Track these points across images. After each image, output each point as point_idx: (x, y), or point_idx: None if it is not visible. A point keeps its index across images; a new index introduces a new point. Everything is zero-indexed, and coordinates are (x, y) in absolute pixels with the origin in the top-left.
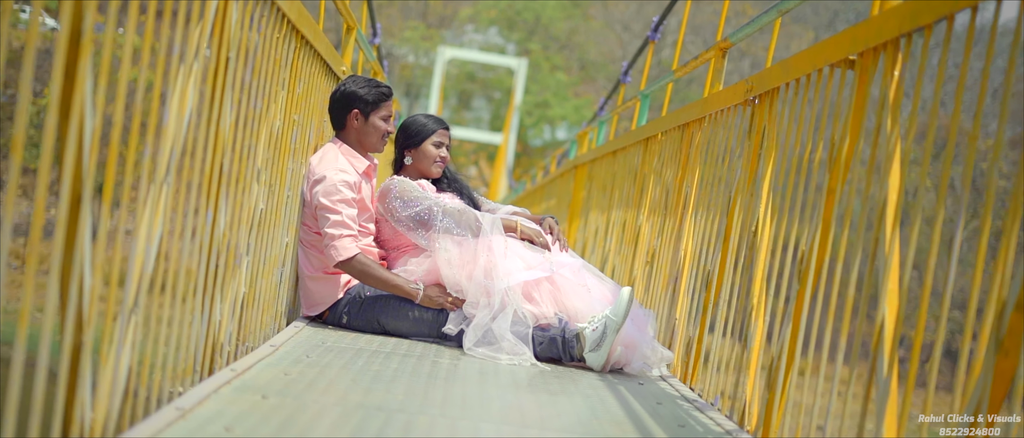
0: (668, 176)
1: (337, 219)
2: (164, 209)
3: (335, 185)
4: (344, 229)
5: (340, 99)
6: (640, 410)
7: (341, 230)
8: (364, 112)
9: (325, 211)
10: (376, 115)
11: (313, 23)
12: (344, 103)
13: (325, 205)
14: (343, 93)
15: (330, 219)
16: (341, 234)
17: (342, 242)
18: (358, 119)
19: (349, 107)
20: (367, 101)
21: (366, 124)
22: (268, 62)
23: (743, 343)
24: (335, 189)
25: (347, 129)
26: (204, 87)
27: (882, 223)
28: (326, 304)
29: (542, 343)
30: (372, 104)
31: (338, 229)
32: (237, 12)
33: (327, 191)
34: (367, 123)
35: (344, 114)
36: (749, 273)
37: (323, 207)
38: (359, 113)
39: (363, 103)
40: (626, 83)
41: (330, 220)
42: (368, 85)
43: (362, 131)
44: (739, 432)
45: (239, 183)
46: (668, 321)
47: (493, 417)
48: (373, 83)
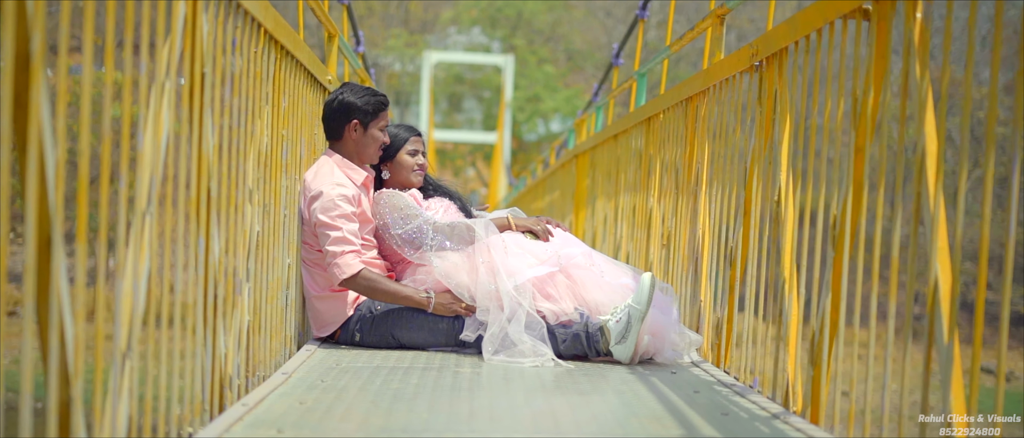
0: (675, 154)
1: (337, 235)
2: (149, 242)
3: (333, 200)
4: (346, 245)
5: (338, 109)
6: (678, 401)
7: (342, 246)
8: (364, 123)
9: (325, 228)
10: (375, 126)
11: (292, 33)
12: (342, 113)
13: (324, 222)
14: (341, 103)
15: (330, 236)
16: (343, 250)
17: (344, 259)
18: (357, 130)
19: (348, 118)
20: (366, 112)
21: (364, 135)
22: (248, 76)
23: (778, 319)
24: (333, 204)
25: (344, 140)
26: (180, 107)
27: (922, 177)
28: (336, 323)
29: (565, 340)
30: (371, 114)
31: (339, 246)
32: (208, 24)
33: (325, 207)
34: (366, 134)
35: (342, 125)
36: (776, 245)
37: (322, 224)
38: (358, 124)
39: (362, 113)
40: (619, 65)
41: (330, 237)
42: (366, 94)
43: (360, 142)
44: (786, 415)
45: (231, 206)
46: (693, 304)
47: (525, 426)
48: (370, 92)
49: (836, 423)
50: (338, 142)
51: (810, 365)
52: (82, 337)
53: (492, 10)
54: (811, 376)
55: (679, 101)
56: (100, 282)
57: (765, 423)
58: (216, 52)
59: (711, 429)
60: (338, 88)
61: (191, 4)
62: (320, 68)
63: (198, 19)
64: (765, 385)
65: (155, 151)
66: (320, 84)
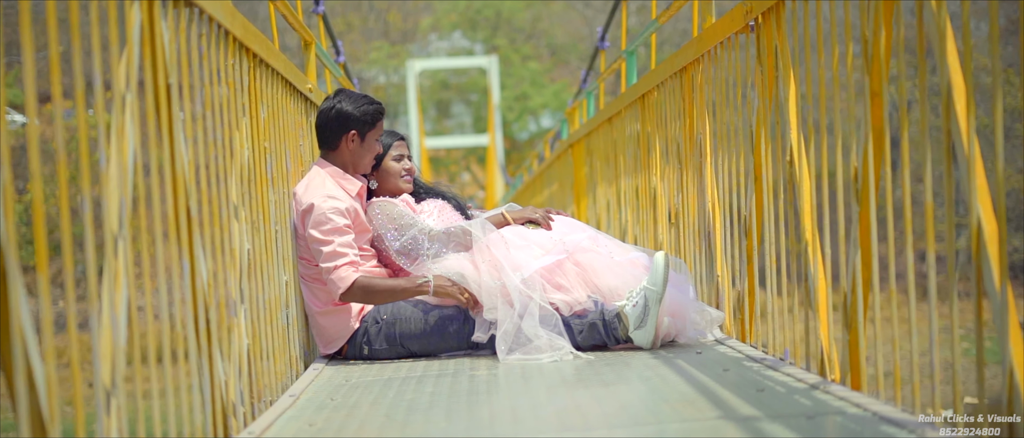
0: (674, 129)
1: (329, 250)
2: (125, 270)
3: (325, 214)
4: (339, 259)
5: (335, 119)
6: (708, 381)
7: (336, 260)
8: (361, 133)
9: (318, 244)
10: (372, 135)
11: (264, 40)
12: (339, 124)
13: (317, 237)
14: (339, 113)
15: (323, 252)
16: (336, 265)
17: (338, 273)
18: (354, 141)
19: (345, 128)
20: (364, 122)
21: (361, 146)
22: (220, 86)
23: (804, 285)
24: (325, 218)
25: (339, 150)
26: (146, 123)
27: (950, 112)
28: (343, 338)
29: (582, 331)
30: (370, 125)
31: (332, 261)
32: (168, 32)
33: (317, 222)
34: (362, 145)
35: (338, 135)
36: (794, 208)
37: (315, 240)
38: (356, 134)
39: (360, 124)
40: (605, 49)
41: (323, 253)
42: (363, 103)
43: (357, 153)
44: (825, 384)
45: (215, 224)
46: (710, 280)
47: (551, 425)
48: (367, 100)
49: (881, 387)
50: (333, 152)
51: (844, 329)
52: (54, 381)
53: (471, 12)
54: (847, 341)
55: (673, 73)
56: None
57: (804, 395)
58: (181, 61)
59: (748, 407)
60: (333, 96)
61: (147, 11)
62: (299, 77)
63: (156, 26)
64: (797, 356)
65: (121, 170)
66: (301, 94)
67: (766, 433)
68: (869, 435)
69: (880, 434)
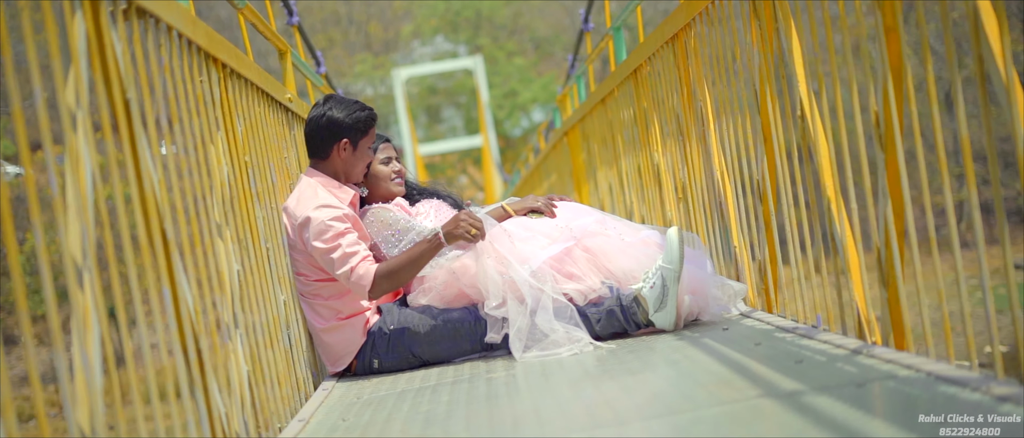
0: (672, 99)
1: (338, 255)
2: (94, 304)
3: (322, 222)
4: (351, 260)
5: (325, 127)
6: (741, 358)
7: (348, 263)
8: (354, 141)
9: (325, 255)
10: (365, 143)
11: (234, 50)
12: (330, 132)
13: (322, 248)
14: (329, 120)
15: (334, 259)
16: (352, 267)
17: (356, 273)
18: (346, 149)
19: (337, 136)
20: (356, 129)
21: (354, 154)
22: (188, 99)
23: (830, 245)
24: (324, 227)
25: (331, 159)
26: (104, 140)
27: (979, 33)
28: (350, 354)
29: (600, 320)
30: (362, 132)
31: (346, 264)
32: (120, 44)
33: (318, 232)
34: (355, 153)
35: (330, 144)
36: (810, 164)
37: (321, 251)
38: (348, 143)
39: (352, 131)
40: (589, 30)
41: (334, 260)
42: (355, 109)
43: (349, 162)
44: (867, 348)
45: (196, 246)
46: (727, 252)
47: (581, 423)
48: (357, 105)
49: (930, 345)
50: (323, 161)
51: (881, 287)
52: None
53: (451, 15)
54: (885, 299)
55: (664, 42)
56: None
57: (847, 362)
58: (140, 75)
59: (790, 380)
60: (321, 103)
61: (92, 20)
62: (277, 87)
63: (105, 38)
64: (831, 321)
65: (79, 195)
66: (281, 104)
67: (816, 408)
68: (929, 397)
69: (941, 395)
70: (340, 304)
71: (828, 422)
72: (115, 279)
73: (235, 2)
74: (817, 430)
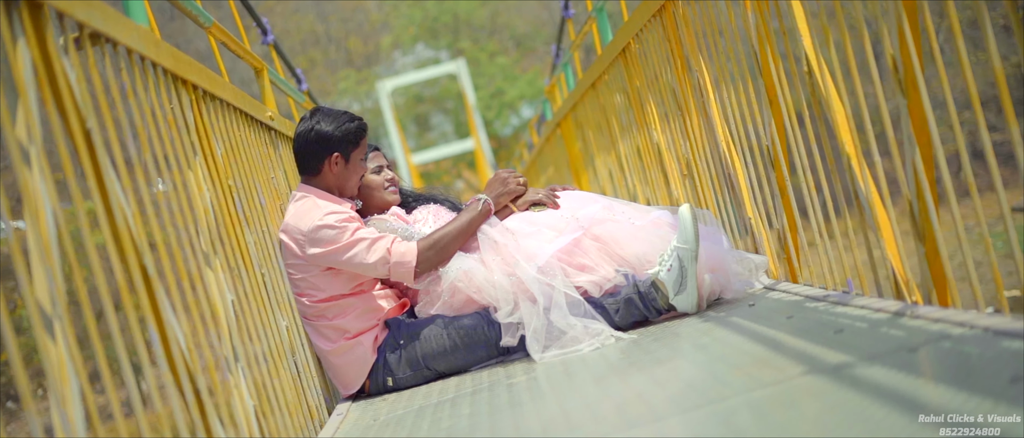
0: (666, 74)
1: (365, 246)
2: (68, 355)
3: (329, 226)
4: (381, 244)
5: (315, 142)
6: (775, 334)
7: (379, 248)
8: (346, 154)
9: (349, 253)
10: (357, 155)
11: (206, 71)
12: (320, 147)
13: (342, 247)
14: (318, 135)
15: (362, 253)
16: (387, 248)
17: (396, 252)
18: (338, 163)
19: (327, 151)
20: (347, 141)
21: (346, 168)
22: (159, 125)
23: (855, 202)
24: (340, 228)
25: (322, 174)
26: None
27: None
28: (362, 375)
29: (618, 310)
30: (354, 144)
31: (378, 251)
32: (73, 70)
33: (334, 236)
34: (347, 167)
35: (320, 159)
36: (824, 122)
37: (343, 253)
38: (340, 156)
39: (343, 144)
40: (570, 17)
41: (363, 254)
42: (344, 120)
43: (342, 176)
44: (911, 308)
45: (183, 279)
46: (742, 225)
47: (613, 421)
48: (347, 116)
49: (979, 298)
50: (315, 177)
51: (917, 242)
52: None
53: (429, 22)
54: (923, 254)
55: (651, 16)
56: None
57: (891, 326)
58: (100, 101)
59: (834, 352)
60: (309, 116)
61: (38, 50)
62: (256, 106)
63: (55, 65)
64: (863, 285)
65: (38, 236)
66: (262, 123)
67: (869, 380)
68: (993, 355)
69: (1006, 351)
70: (346, 323)
71: (887, 394)
72: (92, 325)
73: (201, 21)
74: (877, 405)
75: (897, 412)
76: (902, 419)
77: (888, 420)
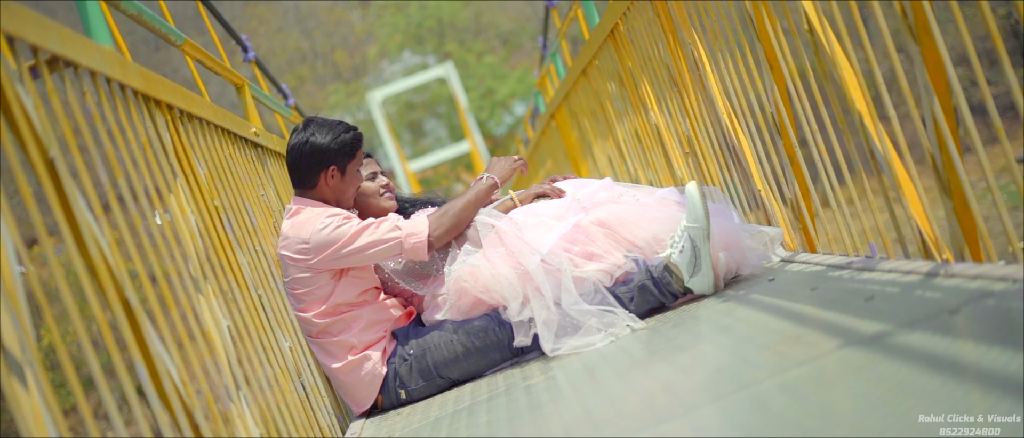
0: (658, 51)
1: (370, 232)
2: (44, 402)
3: (334, 228)
4: (387, 225)
5: (309, 155)
6: (801, 308)
7: (387, 229)
8: (342, 166)
9: (354, 242)
10: (353, 166)
11: (180, 90)
12: (315, 160)
13: (349, 240)
14: (313, 148)
15: (374, 243)
16: (395, 225)
17: (406, 230)
18: (334, 176)
19: (323, 164)
20: (343, 153)
21: (342, 180)
22: (132, 149)
23: (871, 161)
24: (346, 225)
25: (318, 188)
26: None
27: None
28: (373, 391)
29: (632, 298)
30: (349, 155)
31: (385, 230)
32: (29, 97)
33: (338, 236)
34: (344, 179)
35: (316, 173)
36: (830, 79)
37: (352, 243)
38: (336, 169)
39: (339, 156)
40: (554, 5)
41: (375, 243)
42: (339, 131)
43: (338, 189)
44: (944, 267)
45: (170, 308)
46: (751, 198)
47: (642, 419)
48: (342, 127)
49: (1016, 248)
50: (310, 191)
51: (943, 196)
52: None
53: (412, 28)
54: (950, 208)
55: None
56: None
57: (925, 288)
58: (64, 128)
59: (868, 322)
60: (302, 128)
61: None
62: (239, 123)
63: (9, 92)
64: (888, 248)
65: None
66: (248, 140)
67: (912, 348)
68: None
69: None
70: (352, 337)
71: (935, 362)
72: (69, 368)
73: (172, 39)
74: (927, 374)
75: (952, 380)
76: (959, 388)
77: (943, 390)
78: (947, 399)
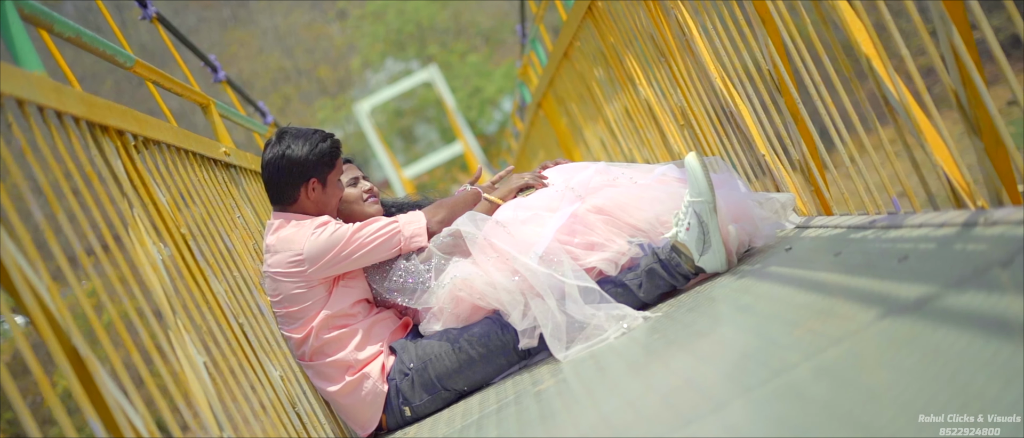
0: (640, 21)
1: (366, 231)
2: None
3: (328, 236)
4: (382, 220)
5: (287, 170)
6: (827, 277)
7: (386, 229)
8: (322, 178)
9: (353, 241)
10: (334, 176)
11: (134, 115)
12: (293, 174)
13: (347, 242)
14: (290, 162)
15: (364, 237)
16: (389, 223)
17: (402, 220)
18: (315, 189)
19: (302, 177)
20: (322, 164)
21: (324, 193)
22: (71, 178)
23: (887, 108)
24: (338, 230)
25: (299, 202)
26: None
27: None
28: (377, 412)
29: (641, 284)
30: (328, 165)
31: (380, 224)
32: None
33: (335, 240)
34: (326, 191)
35: (295, 187)
36: (831, 28)
37: (351, 243)
38: (317, 182)
39: (318, 168)
40: None
41: (367, 237)
42: (316, 140)
43: (320, 201)
44: (982, 215)
45: (133, 353)
46: (756, 165)
47: (666, 420)
48: (318, 136)
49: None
50: (291, 205)
51: (972, 136)
52: None
53: (392, 35)
54: (982, 150)
55: None
56: None
57: (965, 240)
58: None
59: (908, 285)
60: (275, 140)
61: None
62: (206, 144)
63: None
64: (913, 201)
65: None
66: (217, 161)
67: (968, 310)
68: None
69: None
70: (347, 356)
71: (999, 324)
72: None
73: (120, 61)
74: (994, 339)
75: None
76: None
77: (1018, 355)
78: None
